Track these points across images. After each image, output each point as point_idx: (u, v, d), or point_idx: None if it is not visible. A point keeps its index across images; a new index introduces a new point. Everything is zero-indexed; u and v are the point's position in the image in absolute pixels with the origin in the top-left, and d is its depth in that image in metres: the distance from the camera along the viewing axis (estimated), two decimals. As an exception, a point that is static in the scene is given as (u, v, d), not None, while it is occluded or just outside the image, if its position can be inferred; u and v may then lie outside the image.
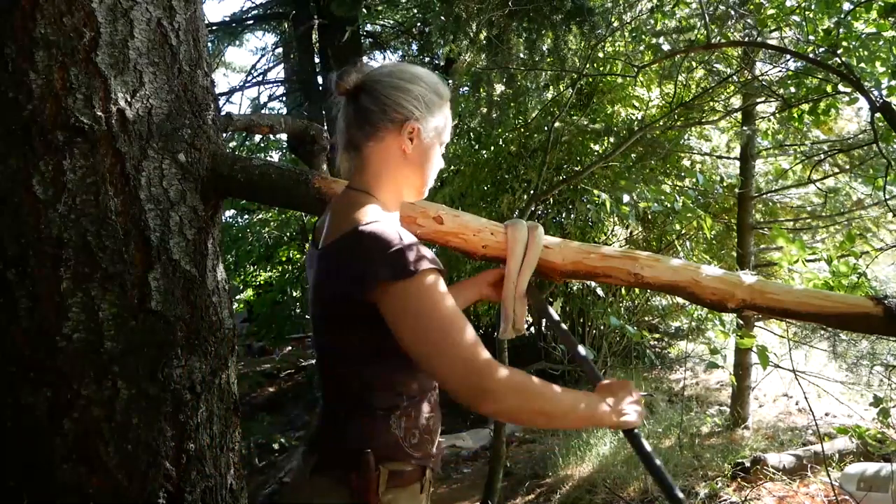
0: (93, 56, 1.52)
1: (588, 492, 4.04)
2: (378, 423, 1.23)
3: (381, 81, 1.27)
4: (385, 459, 1.22)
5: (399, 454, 1.24)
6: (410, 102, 1.26)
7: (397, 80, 1.27)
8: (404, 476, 1.24)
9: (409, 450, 1.25)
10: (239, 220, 10.03)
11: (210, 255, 1.71)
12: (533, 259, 1.60)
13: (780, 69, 4.46)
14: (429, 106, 1.28)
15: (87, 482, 1.49)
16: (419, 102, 1.27)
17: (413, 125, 1.26)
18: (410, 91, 1.26)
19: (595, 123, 5.84)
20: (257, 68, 9.88)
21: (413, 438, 1.25)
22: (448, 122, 1.34)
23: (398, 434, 1.24)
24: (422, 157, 1.30)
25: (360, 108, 1.28)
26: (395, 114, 1.26)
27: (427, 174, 1.34)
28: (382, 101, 1.26)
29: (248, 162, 1.75)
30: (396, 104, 1.26)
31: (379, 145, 1.27)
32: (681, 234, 5.68)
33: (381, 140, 1.27)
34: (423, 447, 1.27)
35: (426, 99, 1.28)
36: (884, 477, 3.26)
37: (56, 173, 1.48)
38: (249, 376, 8.26)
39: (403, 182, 1.31)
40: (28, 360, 1.48)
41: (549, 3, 4.81)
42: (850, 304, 1.59)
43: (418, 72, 1.31)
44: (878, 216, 5.50)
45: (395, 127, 1.26)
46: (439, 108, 1.31)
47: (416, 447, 1.26)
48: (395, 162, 1.28)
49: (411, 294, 1.13)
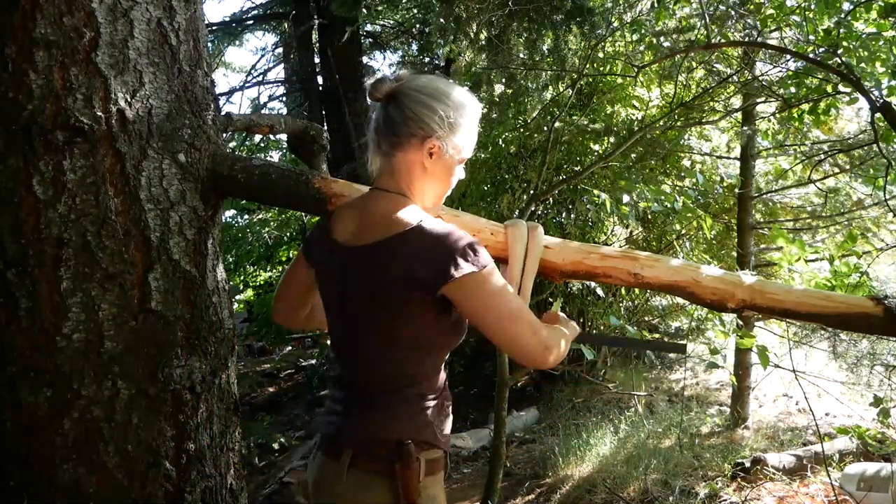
0: (93, 56, 1.52)
1: (588, 492, 4.04)
2: (418, 413, 1.30)
3: (410, 95, 1.33)
4: (422, 448, 1.28)
5: (435, 442, 1.31)
6: (434, 121, 1.32)
7: (425, 96, 1.33)
8: (436, 463, 1.32)
9: (441, 437, 1.33)
10: (239, 220, 10.03)
11: (210, 255, 1.71)
12: (535, 260, 1.60)
13: (780, 69, 4.46)
14: (452, 126, 1.33)
15: (87, 482, 1.49)
16: (442, 122, 1.32)
17: (434, 143, 1.33)
18: (435, 109, 1.32)
19: (595, 123, 5.84)
20: (257, 68, 9.88)
21: (443, 427, 1.34)
22: (472, 142, 1.40)
23: (434, 422, 1.32)
24: (441, 173, 1.38)
25: (388, 117, 1.35)
26: (418, 129, 1.32)
27: (445, 188, 1.42)
28: (408, 116, 1.32)
29: (248, 162, 1.75)
30: (421, 121, 1.32)
31: (405, 156, 1.34)
32: (681, 234, 5.68)
33: (405, 151, 1.34)
34: (448, 438, 1.37)
35: (450, 118, 1.33)
36: (884, 477, 3.26)
37: (56, 173, 1.48)
38: (249, 376, 8.26)
39: (424, 190, 1.39)
40: (28, 360, 1.48)
41: (549, 3, 4.81)
42: (850, 304, 1.59)
43: (447, 89, 1.36)
44: (878, 216, 5.50)
45: (417, 141, 1.33)
46: (464, 128, 1.36)
47: (445, 435, 1.35)
48: (417, 172, 1.36)
49: (490, 282, 1.27)
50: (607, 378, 6.13)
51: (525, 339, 1.28)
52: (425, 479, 1.28)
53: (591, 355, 3.11)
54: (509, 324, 1.28)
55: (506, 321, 1.28)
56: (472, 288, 1.26)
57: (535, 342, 1.29)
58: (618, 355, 6.19)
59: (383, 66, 10.51)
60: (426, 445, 1.29)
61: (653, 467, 4.10)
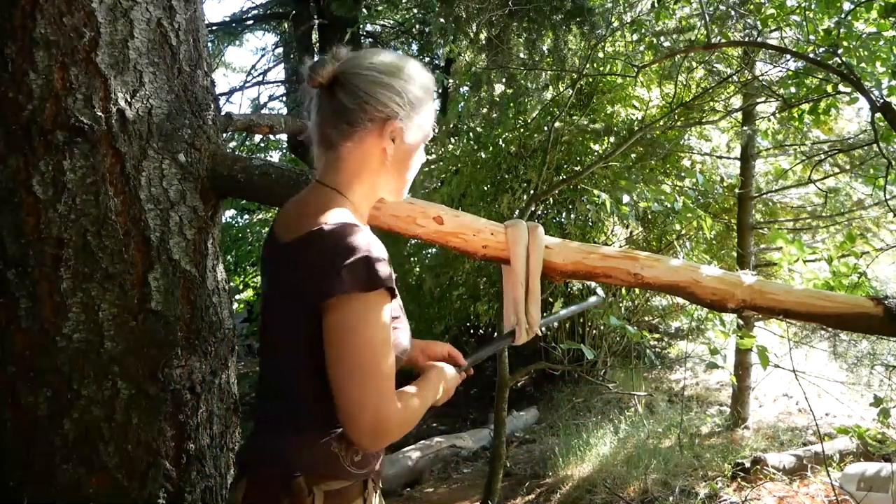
0: (93, 56, 1.52)
1: (588, 492, 4.04)
2: (319, 439, 1.10)
3: (360, 75, 1.13)
4: (320, 479, 1.10)
5: (338, 472, 1.12)
6: (393, 100, 1.13)
7: (378, 73, 1.13)
8: (342, 494, 1.13)
9: (351, 467, 1.13)
10: (239, 220, 10.03)
11: (210, 255, 1.71)
12: (538, 260, 1.59)
13: (780, 69, 4.46)
14: (413, 103, 1.15)
15: (87, 482, 1.49)
16: (403, 100, 1.14)
17: (396, 125, 1.14)
18: (392, 86, 1.13)
19: (595, 123, 5.85)
20: (257, 68, 9.88)
21: (356, 456, 1.14)
22: (432, 118, 1.22)
23: (338, 451, 1.12)
24: (404, 159, 1.19)
25: (336, 105, 1.14)
26: (375, 112, 1.13)
27: (407, 176, 1.23)
28: (362, 98, 1.13)
29: (248, 162, 1.75)
30: (378, 102, 1.13)
31: (358, 147, 1.15)
32: (681, 234, 5.68)
33: (360, 141, 1.15)
34: (368, 464, 1.17)
35: (411, 95, 1.15)
36: (884, 477, 3.26)
37: (56, 173, 1.49)
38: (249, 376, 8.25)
39: (381, 184, 1.21)
40: (28, 360, 1.48)
41: (549, 3, 4.82)
42: (850, 304, 1.59)
43: (401, 63, 1.17)
44: (878, 216, 5.50)
45: (375, 126, 1.14)
46: (425, 104, 1.18)
47: (358, 464, 1.15)
48: (374, 164, 1.17)
49: (360, 311, 1.05)
50: (607, 378, 6.13)
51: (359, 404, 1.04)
52: None
53: (591, 355, 3.11)
54: (355, 377, 1.03)
55: (355, 372, 1.04)
56: (341, 312, 1.04)
57: (371, 418, 1.04)
58: (618, 355, 6.19)
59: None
60: (326, 476, 1.10)
61: (653, 467, 4.10)
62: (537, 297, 1.58)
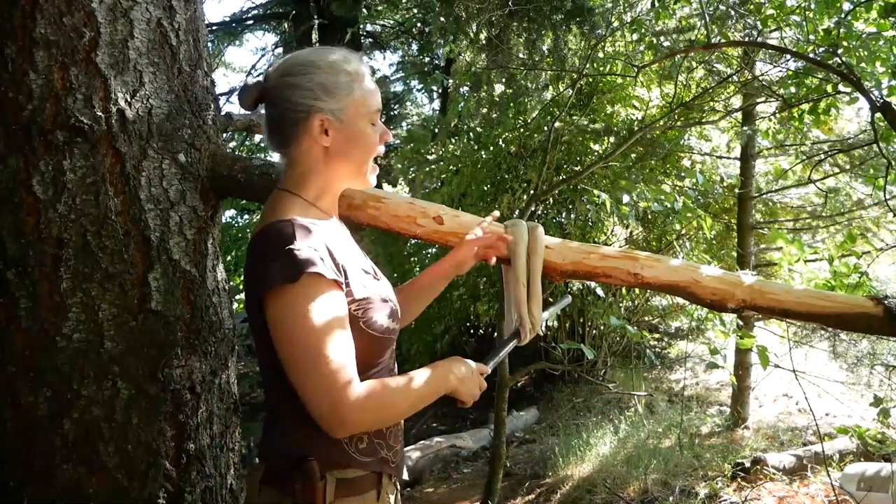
0: (93, 56, 1.52)
1: (588, 492, 4.04)
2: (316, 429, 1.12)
3: (276, 86, 1.21)
4: (332, 466, 1.14)
5: (346, 460, 1.16)
6: (306, 96, 1.19)
7: (288, 77, 1.21)
8: (355, 484, 1.16)
9: (357, 455, 1.17)
10: (239, 220, 10.03)
11: (210, 255, 1.71)
12: (539, 259, 1.60)
13: (780, 69, 4.46)
14: (330, 90, 1.20)
15: (87, 482, 1.49)
16: (316, 92, 1.19)
17: (319, 118, 1.19)
18: (303, 85, 1.19)
19: (595, 123, 5.85)
20: (257, 68, 9.88)
21: (360, 443, 1.18)
22: (368, 93, 1.24)
23: (345, 441, 1.16)
24: (348, 144, 1.22)
25: (267, 118, 1.24)
26: (296, 114, 1.20)
27: (361, 157, 1.25)
28: (281, 106, 1.21)
29: (248, 162, 1.75)
30: (293, 104, 1.19)
31: (298, 148, 1.22)
32: (681, 234, 5.68)
33: (297, 142, 1.22)
34: (375, 452, 1.20)
35: (325, 84, 1.19)
36: (884, 477, 3.26)
37: (56, 173, 1.49)
38: (249, 376, 8.25)
39: (336, 175, 1.25)
40: (28, 360, 1.48)
41: (549, 3, 4.82)
42: (850, 304, 1.59)
43: (311, 57, 1.23)
44: (878, 216, 5.50)
45: (302, 127, 1.20)
46: (347, 86, 1.21)
47: (364, 452, 1.18)
48: (319, 159, 1.22)
49: (289, 302, 1.07)
50: (607, 378, 6.13)
51: (311, 393, 1.07)
52: (344, 499, 1.14)
53: (591, 355, 3.11)
54: (300, 366, 1.07)
55: (298, 361, 1.07)
56: (274, 306, 1.09)
57: (326, 404, 1.06)
58: (618, 355, 6.19)
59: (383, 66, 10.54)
60: (336, 464, 1.15)
61: (653, 467, 4.10)
62: (538, 296, 1.59)
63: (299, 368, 1.08)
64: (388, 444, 1.23)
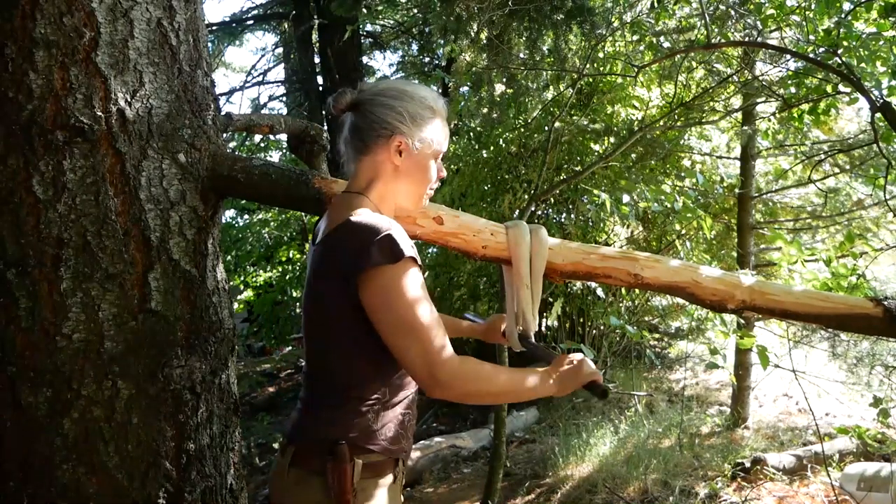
0: (93, 56, 1.52)
1: (588, 492, 4.04)
2: (357, 415, 1.29)
3: (370, 100, 1.37)
4: (360, 451, 1.27)
5: (375, 445, 1.29)
6: (395, 118, 1.35)
7: (384, 97, 1.36)
8: (378, 467, 1.30)
9: (385, 442, 1.31)
10: (239, 220, 10.04)
11: (210, 255, 1.71)
12: (542, 261, 1.61)
13: (780, 69, 4.46)
14: (416, 120, 1.36)
15: (87, 482, 1.49)
16: (404, 118, 1.35)
17: (399, 139, 1.35)
18: (395, 107, 1.35)
19: (595, 123, 5.84)
20: (257, 68, 9.91)
21: (389, 432, 1.32)
22: (443, 134, 1.41)
23: (375, 427, 1.30)
24: (413, 170, 1.39)
25: (352, 126, 1.39)
26: (382, 130, 1.35)
27: (421, 185, 1.42)
28: (370, 119, 1.36)
29: (248, 162, 1.75)
30: (383, 121, 1.35)
31: (372, 158, 1.37)
32: (681, 234, 5.68)
33: (373, 154, 1.37)
34: (399, 441, 1.34)
35: (413, 114, 1.36)
36: (884, 477, 3.26)
37: (56, 173, 1.49)
38: (249, 376, 8.26)
39: (397, 193, 1.40)
40: (28, 360, 1.48)
41: (549, 3, 4.82)
42: (849, 304, 1.59)
43: (408, 88, 1.39)
44: (878, 216, 5.50)
45: (383, 142, 1.36)
46: (429, 122, 1.38)
47: (392, 440, 1.32)
48: (387, 174, 1.38)
49: (393, 278, 1.22)
50: (607, 378, 6.12)
51: (411, 356, 1.22)
52: (362, 481, 1.27)
53: (591, 355, 3.11)
54: (402, 333, 1.22)
55: (400, 329, 1.22)
56: (373, 282, 1.22)
57: (422, 364, 1.21)
58: (618, 355, 6.19)
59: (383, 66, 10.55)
60: (364, 449, 1.28)
61: (653, 467, 4.10)
62: (538, 298, 1.60)
63: (398, 334, 1.22)
64: (407, 435, 1.38)
